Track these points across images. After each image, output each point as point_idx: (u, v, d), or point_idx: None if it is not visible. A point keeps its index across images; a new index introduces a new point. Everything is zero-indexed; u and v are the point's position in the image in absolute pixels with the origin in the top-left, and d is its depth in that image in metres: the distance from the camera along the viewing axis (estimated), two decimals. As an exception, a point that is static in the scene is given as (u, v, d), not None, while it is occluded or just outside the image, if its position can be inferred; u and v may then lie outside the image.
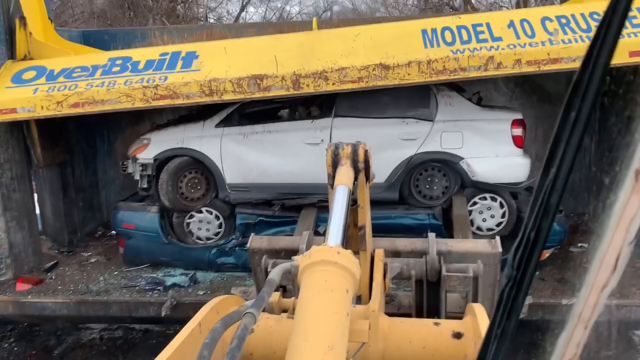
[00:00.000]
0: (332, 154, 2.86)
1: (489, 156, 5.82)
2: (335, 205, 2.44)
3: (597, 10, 5.18)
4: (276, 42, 5.69)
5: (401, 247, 3.82)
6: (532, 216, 0.75)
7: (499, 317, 0.79)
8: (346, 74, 5.18)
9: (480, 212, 5.94)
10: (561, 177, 0.73)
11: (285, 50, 5.50)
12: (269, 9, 25.26)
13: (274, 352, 2.23)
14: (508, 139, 5.81)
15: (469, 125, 5.85)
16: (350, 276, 1.76)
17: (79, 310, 5.81)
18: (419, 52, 5.16)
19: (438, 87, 5.91)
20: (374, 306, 2.33)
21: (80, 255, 7.12)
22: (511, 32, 5.12)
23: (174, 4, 18.47)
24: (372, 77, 5.16)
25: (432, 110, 5.95)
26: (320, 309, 1.61)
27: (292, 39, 5.78)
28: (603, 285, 0.72)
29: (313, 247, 1.84)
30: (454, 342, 2.27)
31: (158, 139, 6.23)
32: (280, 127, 6.06)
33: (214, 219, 6.25)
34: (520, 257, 0.76)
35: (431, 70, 5.06)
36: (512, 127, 5.82)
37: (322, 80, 5.21)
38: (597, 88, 0.68)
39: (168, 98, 5.40)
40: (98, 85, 5.51)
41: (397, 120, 5.97)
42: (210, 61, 5.57)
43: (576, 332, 0.75)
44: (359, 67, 5.16)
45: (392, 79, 5.14)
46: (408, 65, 5.10)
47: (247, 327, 1.43)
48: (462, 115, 5.89)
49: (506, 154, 5.82)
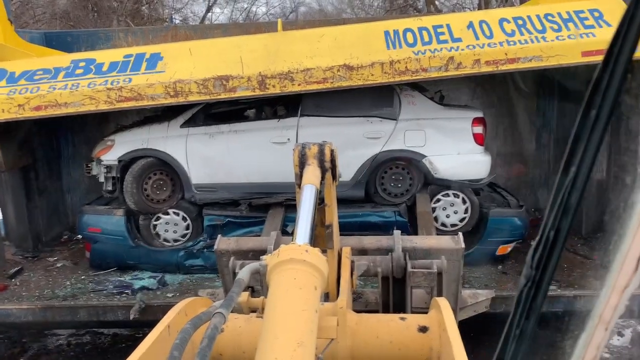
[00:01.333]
0: (299, 154, 2.89)
1: (450, 154, 5.97)
2: (303, 205, 2.46)
3: (551, 12, 5.38)
4: (241, 43, 5.73)
5: (368, 245, 3.88)
6: (551, 215, 0.73)
7: (517, 317, 0.78)
8: (311, 75, 5.26)
9: (443, 209, 6.09)
10: (581, 176, 0.71)
11: (251, 51, 5.54)
12: (235, 9, 25.19)
13: (243, 352, 2.25)
14: (469, 137, 5.97)
15: (431, 123, 5.99)
16: (319, 274, 1.78)
17: (45, 316, 5.72)
18: (382, 53, 5.27)
19: (401, 86, 6.03)
20: (341, 303, 2.37)
21: (46, 260, 7.01)
22: (470, 33, 5.28)
23: (138, 5, 18.23)
24: (336, 78, 5.25)
25: (396, 109, 6.07)
26: (289, 307, 1.63)
27: (257, 40, 5.82)
28: (624, 286, 0.70)
29: (281, 246, 1.86)
30: (419, 336, 2.31)
31: (122, 140, 6.18)
32: (246, 126, 6.09)
33: (181, 221, 6.24)
34: (539, 257, 0.75)
35: (394, 70, 5.18)
36: (472, 125, 5.98)
37: (287, 81, 5.27)
38: (618, 86, 0.67)
39: (133, 100, 5.38)
40: (61, 88, 5.46)
41: (361, 119, 6.07)
42: (175, 62, 5.56)
43: (597, 333, 0.73)
44: (324, 67, 5.25)
45: (356, 79, 5.24)
46: (371, 66, 5.21)
47: (216, 327, 1.44)
48: (424, 114, 6.03)
49: (467, 152, 5.98)
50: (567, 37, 5.17)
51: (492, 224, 5.97)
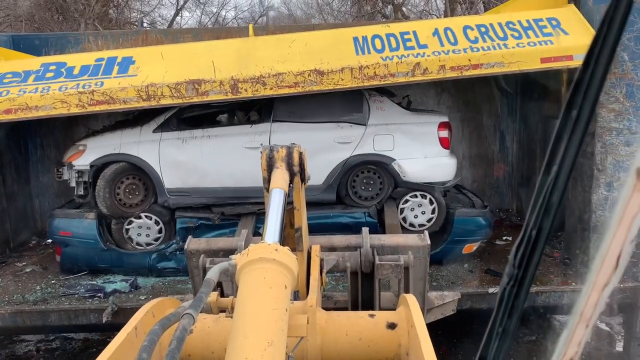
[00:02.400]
0: (266, 157, 2.87)
1: (418, 157, 6.16)
2: (272, 208, 2.46)
3: (512, 20, 5.62)
4: (213, 48, 5.81)
5: (337, 243, 3.94)
6: (533, 215, 0.74)
7: (500, 315, 0.79)
8: (283, 79, 5.38)
9: (412, 209, 6.28)
10: (562, 175, 0.72)
11: (223, 55, 5.63)
12: (205, 13, 25.12)
13: (212, 352, 2.24)
14: (435, 141, 6.17)
15: (399, 128, 6.18)
16: (289, 272, 1.78)
17: (15, 322, 5.67)
18: (351, 58, 5.42)
19: (370, 92, 6.20)
20: (311, 301, 2.38)
21: (14, 265, 6.93)
22: (436, 40, 5.48)
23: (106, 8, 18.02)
24: (307, 82, 5.38)
25: (365, 114, 6.23)
26: (259, 306, 1.63)
27: (229, 45, 5.92)
28: (605, 284, 0.71)
29: (251, 245, 1.85)
30: (388, 332, 2.33)
31: (94, 145, 6.18)
32: (219, 131, 6.17)
33: (153, 224, 6.27)
34: (521, 256, 0.76)
35: (363, 75, 5.34)
36: (438, 129, 6.19)
37: (260, 85, 5.38)
38: (598, 87, 0.68)
39: (105, 103, 5.40)
40: (31, 91, 5.44)
41: (332, 124, 6.21)
42: (147, 66, 5.61)
43: (577, 330, 0.74)
44: (295, 72, 5.37)
45: (327, 84, 5.38)
46: (341, 71, 5.36)
47: (185, 328, 1.43)
48: (392, 119, 6.21)
49: (434, 155, 6.18)
50: (527, 44, 5.41)
51: (458, 223, 6.18)
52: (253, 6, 27.62)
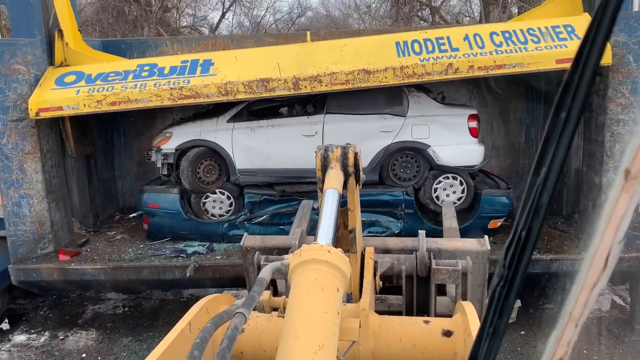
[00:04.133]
0: (321, 157, 2.77)
1: (450, 144, 7.18)
2: (325, 208, 2.43)
3: (532, 27, 6.58)
4: (278, 52, 6.96)
5: (392, 246, 3.84)
6: (523, 216, 0.74)
7: (490, 315, 0.79)
8: (336, 78, 6.48)
9: (444, 189, 7.31)
10: (552, 177, 0.71)
11: (286, 58, 6.77)
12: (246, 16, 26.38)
13: (264, 351, 2.22)
14: (465, 130, 7.18)
15: (433, 119, 7.21)
16: (341, 275, 1.75)
17: (114, 275, 6.95)
18: (393, 60, 6.48)
19: (409, 88, 7.26)
20: (364, 304, 2.33)
21: (106, 234, 8.25)
22: (466, 44, 6.49)
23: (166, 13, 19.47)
24: (356, 80, 6.47)
25: (405, 107, 7.29)
26: (311, 308, 1.61)
27: (290, 49, 7.06)
28: (593, 284, 0.70)
29: (303, 245, 1.83)
30: (443, 340, 2.26)
31: (179, 132, 7.44)
32: (281, 122, 7.34)
33: (225, 199, 7.49)
34: (511, 257, 0.76)
35: (403, 74, 6.40)
36: (468, 120, 7.19)
37: (317, 82, 6.50)
38: (587, 88, 0.67)
39: (191, 97, 6.62)
40: (131, 87, 6.70)
41: (376, 116, 7.29)
42: (224, 67, 6.80)
43: (567, 330, 0.74)
44: (346, 72, 6.47)
45: (373, 81, 6.46)
46: (385, 70, 6.43)
47: (237, 327, 1.43)
48: (428, 111, 7.25)
49: (464, 142, 7.19)
50: (544, 48, 6.37)
51: (484, 202, 7.18)
52: (292, 8, 28.74)
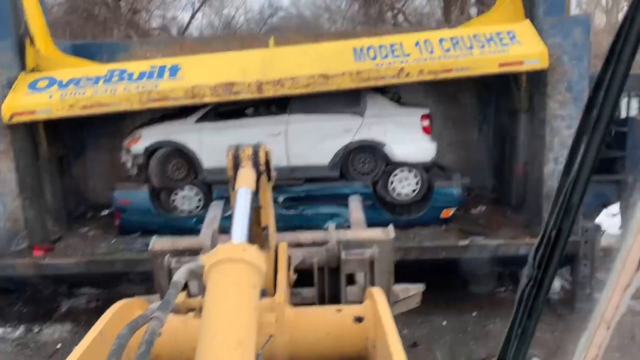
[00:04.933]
0: (232, 156, 2.84)
1: (404, 142, 7.72)
2: (238, 207, 2.44)
3: (478, 33, 7.13)
4: (242, 57, 7.38)
5: (303, 240, 3.96)
6: (553, 215, 0.74)
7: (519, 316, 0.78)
8: (297, 82, 6.94)
9: (400, 182, 7.85)
10: (583, 176, 0.70)
11: (250, 63, 7.20)
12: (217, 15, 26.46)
13: (181, 352, 2.20)
14: (418, 129, 7.72)
15: (389, 119, 7.73)
16: (257, 271, 1.77)
17: (89, 269, 7.28)
18: (350, 65, 6.97)
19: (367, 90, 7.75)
20: (279, 298, 2.37)
21: (79, 230, 8.55)
22: (417, 50, 7.01)
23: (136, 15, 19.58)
24: (317, 84, 6.94)
25: (363, 108, 7.79)
26: (228, 306, 1.62)
27: (254, 54, 7.48)
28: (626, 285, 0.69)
29: (218, 245, 1.84)
30: (355, 326, 2.33)
31: (148, 134, 7.79)
32: (247, 122, 7.76)
33: (194, 195, 7.89)
34: (540, 257, 0.76)
35: (359, 78, 6.90)
36: (421, 119, 7.74)
37: (279, 86, 6.94)
38: (619, 87, 0.66)
39: (160, 101, 7.00)
40: (102, 92, 7.03)
41: (336, 115, 7.77)
42: (191, 72, 7.19)
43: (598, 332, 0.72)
44: (307, 76, 6.93)
45: (332, 85, 6.95)
46: (343, 75, 6.91)
47: (154, 332, 1.41)
48: (384, 111, 7.77)
49: (417, 140, 7.73)
50: (488, 53, 6.93)
51: (437, 193, 7.77)
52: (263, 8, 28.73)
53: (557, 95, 7.20)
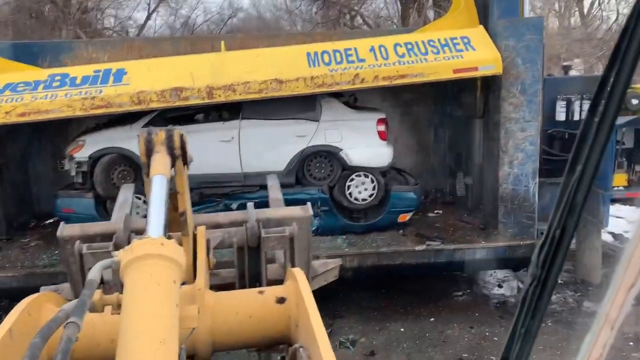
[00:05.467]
0: (145, 141, 2.72)
1: (361, 147, 7.59)
2: (154, 196, 2.39)
3: (433, 39, 7.05)
4: (192, 61, 7.09)
5: (222, 220, 3.89)
6: (557, 214, 0.73)
7: (523, 316, 0.77)
8: (250, 87, 6.71)
9: (356, 187, 7.73)
10: (587, 175, 0.70)
11: (200, 67, 6.92)
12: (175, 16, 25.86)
13: (98, 345, 2.14)
14: (374, 134, 7.60)
15: (345, 123, 7.59)
16: (177, 266, 1.74)
17: (27, 282, 6.85)
18: (304, 70, 6.78)
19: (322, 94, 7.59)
20: (199, 284, 2.34)
21: (20, 241, 8.09)
22: (372, 55, 6.88)
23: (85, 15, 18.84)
24: (270, 89, 6.73)
25: (318, 113, 7.62)
26: (149, 305, 1.59)
27: (205, 58, 7.20)
28: (630, 285, 0.68)
29: (134, 240, 1.78)
30: (278, 307, 2.33)
31: (92, 140, 7.41)
32: (197, 128, 7.46)
33: (142, 203, 7.55)
34: (545, 256, 0.74)
35: (314, 84, 6.72)
36: (377, 124, 7.63)
37: (230, 91, 6.70)
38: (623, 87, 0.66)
39: (104, 107, 6.65)
40: (42, 98, 6.63)
41: (291, 121, 7.57)
42: (137, 76, 6.85)
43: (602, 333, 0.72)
44: (260, 81, 6.71)
45: (285, 90, 6.74)
46: (296, 80, 6.72)
47: (70, 339, 1.34)
48: (340, 116, 7.62)
49: (373, 145, 7.62)
50: (443, 59, 6.86)
51: (394, 197, 7.69)
52: (223, 8, 28.35)
53: (511, 98, 7.20)
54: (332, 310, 7.78)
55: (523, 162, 7.27)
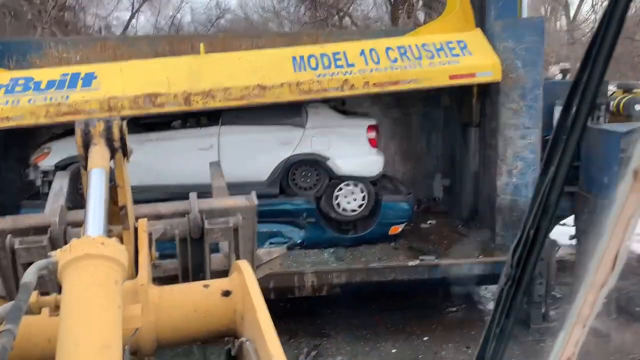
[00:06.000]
0: (81, 133, 2.67)
1: (350, 155, 7.10)
2: (92, 191, 2.33)
3: (427, 42, 6.59)
4: (168, 64, 6.56)
5: (164, 211, 3.75)
6: (531, 215, 0.73)
7: (497, 316, 0.77)
8: (230, 93, 6.20)
9: (345, 197, 7.24)
10: (560, 175, 0.71)
11: (176, 71, 6.39)
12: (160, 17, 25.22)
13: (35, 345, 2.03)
14: (364, 141, 7.12)
15: (333, 130, 7.10)
16: (119, 266, 1.70)
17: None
18: (290, 75, 6.29)
19: None
20: (142, 280, 2.27)
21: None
22: (362, 60, 6.40)
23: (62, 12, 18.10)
24: (252, 96, 6.23)
25: (303, 118, 7.12)
26: (89, 308, 1.54)
27: (182, 62, 6.66)
28: (602, 284, 0.70)
29: (73, 240, 1.73)
30: (223, 300, 2.30)
31: (58, 148, 6.83)
32: (172, 134, 6.94)
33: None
34: (519, 256, 0.75)
35: (299, 90, 6.24)
36: (367, 131, 7.15)
37: (210, 98, 6.19)
38: (595, 89, 0.67)
39: (71, 114, 6.09)
40: (2, 104, 6.07)
41: (274, 127, 7.07)
42: (108, 81, 6.31)
43: (575, 331, 0.73)
44: (241, 87, 6.21)
45: (269, 97, 6.25)
46: (281, 86, 6.23)
47: (5, 348, 1.30)
48: (327, 122, 7.13)
49: (363, 153, 7.14)
50: (438, 64, 6.40)
51: (385, 208, 7.21)
52: (210, 9, 27.61)
53: (510, 103, 6.77)
54: (319, 329, 7.34)
55: (523, 171, 6.85)
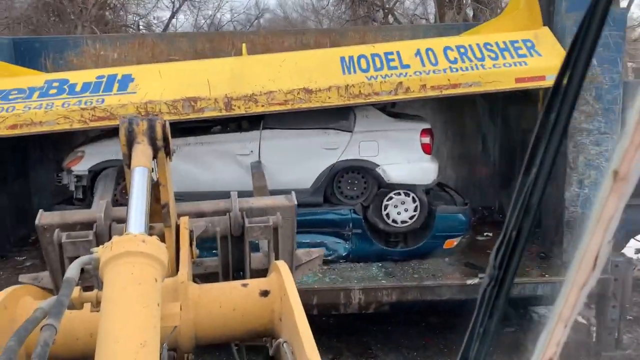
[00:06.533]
0: (125, 131, 2.69)
1: (401, 162, 6.52)
2: (135, 190, 2.37)
3: (489, 42, 5.96)
4: (208, 66, 6.12)
5: (206, 209, 3.84)
6: (513, 216, 0.75)
7: (480, 316, 0.80)
8: (274, 97, 5.72)
9: (395, 206, 6.65)
10: (542, 176, 0.73)
11: (217, 74, 5.95)
12: (200, 16, 25.09)
13: (77, 339, 2.13)
14: (417, 147, 6.54)
15: (383, 135, 6.54)
16: (159, 264, 1.72)
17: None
18: (338, 77, 5.77)
19: None
20: (182, 277, 2.33)
21: (15, 259, 7.29)
22: (418, 60, 5.82)
23: (102, 10, 18.08)
24: (296, 100, 5.73)
25: (351, 121, 6.59)
26: (129, 306, 1.57)
27: (223, 64, 6.22)
28: (583, 284, 0.71)
29: (114, 237, 1.77)
30: (261, 300, 2.35)
31: (92, 152, 6.51)
32: (211, 139, 6.51)
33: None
34: (501, 257, 0.77)
35: (349, 94, 5.70)
36: (421, 136, 6.56)
37: (252, 102, 5.72)
38: (576, 89, 0.69)
39: (106, 119, 5.74)
40: (36, 107, 5.75)
41: (319, 131, 6.56)
42: (146, 84, 5.92)
43: (556, 330, 0.75)
44: (285, 91, 5.72)
45: (315, 101, 5.74)
46: (328, 89, 5.71)
47: (47, 343, 1.32)
48: (377, 126, 6.57)
49: (416, 160, 6.55)
50: (502, 65, 5.77)
51: (439, 220, 6.59)
52: (249, 8, 27.34)
53: (582, 105, 6.04)
54: (364, 349, 6.85)
55: (596, 181, 6.15)
